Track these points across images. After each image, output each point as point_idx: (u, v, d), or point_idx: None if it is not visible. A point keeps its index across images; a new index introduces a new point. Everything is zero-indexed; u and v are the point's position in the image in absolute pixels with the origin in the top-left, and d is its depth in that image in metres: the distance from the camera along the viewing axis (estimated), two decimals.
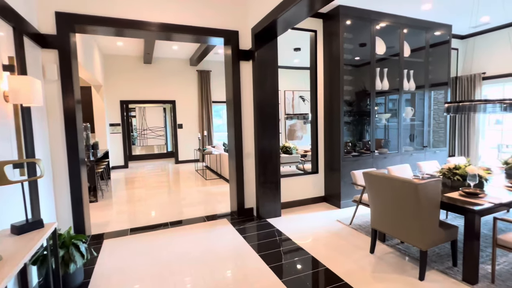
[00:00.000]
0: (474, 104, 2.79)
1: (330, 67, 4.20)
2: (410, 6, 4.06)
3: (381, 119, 4.89)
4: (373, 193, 2.60)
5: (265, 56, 3.61)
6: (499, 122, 5.85)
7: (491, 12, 4.45)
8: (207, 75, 8.91)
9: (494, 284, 2.21)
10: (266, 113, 3.69)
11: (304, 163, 5.55)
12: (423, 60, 4.80)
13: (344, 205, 4.19)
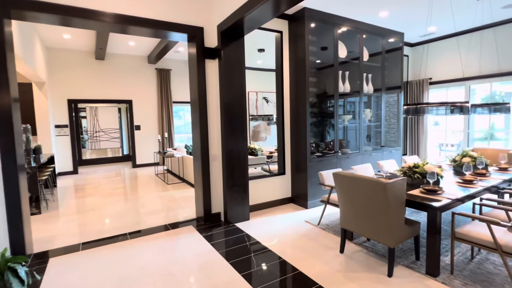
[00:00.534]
0: (430, 106, 2.98)
1: (296, 68, 4.22)
2: (369, 11, 4.25)
3: (343, 121, 5.06)
4: (343, 193, 2.62)
5: (232, 55, 3.49)
6: (437, 123, 6.50)
7: (438, 23, 4.87)
8: (167, 74, 8.49)
9: (453, 274, 2.35)
10: (234, 114, 3.57)
11: (270, 164, 5.52)
12: (379, 64, 5.07)
13: (311, 205, 4.23)
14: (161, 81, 8.39)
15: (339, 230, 3.34)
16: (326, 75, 4.90)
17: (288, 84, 4.38)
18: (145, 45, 7.16)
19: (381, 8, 4.11)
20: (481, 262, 2.54)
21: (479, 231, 2.25)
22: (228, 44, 3.44)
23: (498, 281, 2.25)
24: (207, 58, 3.55)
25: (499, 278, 2.29)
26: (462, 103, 2.91)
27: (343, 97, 5.22)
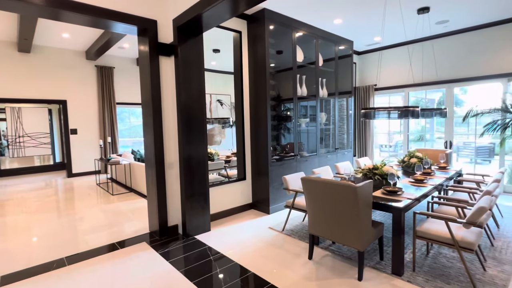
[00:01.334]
0: (388, 110, 3.12)
1: (255, 70, 4.11)
2: (325, 18, 4.37)
3: (300, 124, 5.12)
4: (312, 198, 2.56)
5: (190, 52, 3.21)
6: (374, 127, 7.08)
7: (383, 34, 5.25)
8: (110, 72, 7.67)
9: (415, 272, 2.45)
10: (192, 117, 3.28)
11: (228, 170, 5.31)
12: (333, 70, 5.27)
13: (273, 211, 4.14)
14: (102, 80, 7.54)
15: (304, 235, 3.30)
16: (282, 78, 4.90)
17: (247, 87, 4.25)
18: (83, 38, 6.34)
19: (336, 15, 4.25)
20: (436, 257, 2.71)
21: (438, 228, 2.38)
22: (185, 41, 3.15)
23: (453, 274, 2.41)
24: (161, 55, 3.21)
25: (453, 271, 2.45)
26: (413, 108, 3.11)
27: (301, 100, 5.28)
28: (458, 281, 2.30)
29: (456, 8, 4.10)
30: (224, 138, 9.27)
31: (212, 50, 6.34)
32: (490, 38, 4.78)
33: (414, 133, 13.33)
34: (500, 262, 2.60)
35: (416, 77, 5.69)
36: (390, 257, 2.72)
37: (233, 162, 5.13)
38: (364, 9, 4.05)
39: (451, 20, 4.57)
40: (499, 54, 4.71)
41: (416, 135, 13.47)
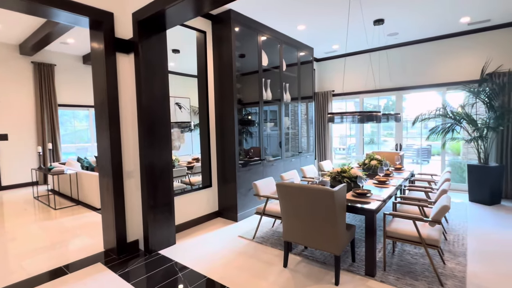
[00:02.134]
0: (354, 115, 3.23)
1: (221, 73, 3.96)
2: (290, 23, 4.42)
3: (266, 128, 5.09)
4: (287, 204, 2.50)
5: (153, 50, 2.94)
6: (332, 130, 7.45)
7: (340, 42, 5.51)
8: (50, 70, 6.79)
9: (385, 271, 2.54)
10: (155, 121, 3.01)
11: (191, 176, 5.03)
12: (295, 75, 5.36)
13: (240, 218, 4.01)
14: (40, 78, 6.64)
15: (275, 242, 3.23)
16: (244, 82, 4.83)
17: (213, 89, 4.08)
18: (18, 30, 5.51)
19: (301, 21, 4.33)
20: (401, 254, 2.85)
21: (406, 227, 2.50)
22: (147, 37, 2.88)
23: (419, 270, 2.54)
24: (119, 52, 2.89)
25: (419, 267, 2.59)
26: (376, 112, 3.27)
27: (266, 104, 5.26)
28: (425, 277, 2.43)
29: (404, 22, 4.47)
30: (184, 142, 8.86)
31: (172, 51, 6.01)
32: (432, 51, 5.33)
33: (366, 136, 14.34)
34: (455, 254, 2.83)
35: (370, 84, 6.08)
36: (361, 258, 2.78)
37: (196, 168, 4.88)
38: (326, 17, 4.19)
39: (400, 32, 4.98)
40: (440, 66, 5.27)
41: (367, 138, 14.49)
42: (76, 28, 5.17)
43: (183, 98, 8.79)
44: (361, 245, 3.07)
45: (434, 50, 5.29)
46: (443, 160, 5.58)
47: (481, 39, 4.84)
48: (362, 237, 3.28)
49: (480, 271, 2.52)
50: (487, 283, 2.33)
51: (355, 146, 11.26)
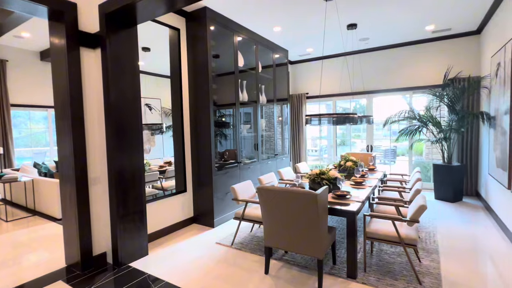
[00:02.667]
0: (332, 116, 3.24)
1: (196, 73, 3.80)
2: (266, 24, 4.37)
3: (242, 130, 4.99)
4: (269, 208, 2.42)
5: (122, 46, 2.72)
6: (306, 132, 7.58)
7: (314, 45, 5.58)
8: (1, 66, 6.12)
9: (366, 272, 2.55)
10: (125, 123, 2.78)
11: (164, 181, 4.78)
12: (271, 77, 5.33)
13: (217, 223, 3.86)
14: None
15: (255, 247, 3.13)
16: (218, 83, 4.71)
17: (187, 90, 3.90)
18: None
19: (277, 22, 4.30)
20: (379, 254, 2.89)
21: (384, 228, 2.53)
22: (116, 31, 2.66)
23: (397, 269, 2.59)
24: (83, 47, 2.63)
25: (397, 266, 2.64)
26: (353, 114, 3.32)
27: (242, 106, 5.17)
28: (403, 276, 2.47)
29: (375, 28, 4.63)
30: (154, 146, 8.48)
31: (141, 48, 5.71)
32: (400, 56, 5.58)
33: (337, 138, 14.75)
34: (428, 252, 2.93)
35: (343, 88, 6.23)
36: (341, 260, 2.77)
37: (168, 173, 4.64)
38: (302, 19, 4.20)
39: (371, 38, 5.16)
40: (407, 71, 5.53)
41: (338, 140, 14.88)
42: (33, 20, 4.70)
43: (153, 99, 8.42)
44: (340, 247, 3.08)
45: (402, 56, 5.55)
46: (410, 160, 5.86)
47: (444, 46, 5.17)
48: (340, 239, 3.29)
49: (453, 267, 2.62)
50: (461, 279, 2.43)
51: (326, 147, 11.54)
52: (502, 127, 3.40)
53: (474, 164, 5.00)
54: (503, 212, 3.43)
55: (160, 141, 6.06)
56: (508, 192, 3.17)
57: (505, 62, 3.27)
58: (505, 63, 3.29)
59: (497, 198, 3.71)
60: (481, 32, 4.80)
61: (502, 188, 3.39)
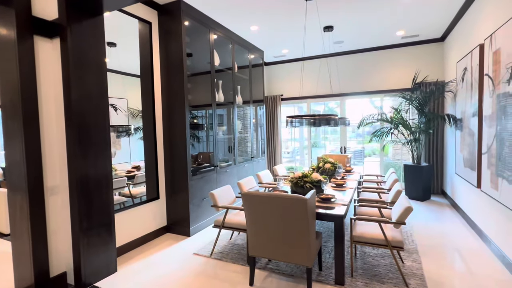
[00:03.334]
0: (314, 118, 3.17)
1: (170, 71, 3.54)
2: (243, 22, 4.22)
3: (218, 132, 4.77)
4: (254, 216, 2.26)
5: (86, 37, 2.41)
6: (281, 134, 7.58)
7: (290, 47, 5.54)
8: None
9: (353, 277, 2.48)
10: (90, 123, 2.46)
11: (132, 187, 4.40)
12: (247, 77, 5.19)
13: (193, 232, 3.61)
14: None
15: (236, 257, 2.94)
16: (193, 83, 4.47)
17: (159, 90, 3.61)
18: None
19: (254, 21, 4.17)
20: (363, 257, 2.85)
21: (370, 231, 2.49)
22: (79, 20, 2.34)
23: (383, 272, 2.56)
24: (39, 35, 2.28)
25: (382, 269, 2.61)
26: (333, 116, 3.28)
27: (219, 107, 4.96)
28: (389, 278, 2.44)
29: (349, 31, 4.70)
30: (120, 149, 7.91)
31: (106, 43, 5.26)
32: (372, 60, 5.74)
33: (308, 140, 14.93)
34: (409, 252, 2.96)
35: (317, 90, 6.27)
36: (327, 266, 2.69)
37: (138, 178, 4.28)
38: (280, 18, 4.12)
39: (345, 41, 5.24)
40: (378, 74, 5.71)
41: (311, 142, 15.06)
42: None
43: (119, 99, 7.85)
44: (324, 251, 3.01)
45: (374, 59, 5.72)
46: (381, 161, 6.05)
47: (412, 51, 5.40)
48: (323, 243, 3.22)
49: (434, 267, 2.66)
50: (444, 278, 2.46)
51: (298, 149, 11.64)
52: (469, 129, 3.58)
53: (440, 164, 5.27)
54: (472, 210, 3.60)
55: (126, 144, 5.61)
56: (478, 191, 3.33)
57: (472, 67, 3.45)
58: (472, 68, 3.46)
59: (465, 196, 3.91)
60: (444, 39, 5.08)
61: (471, 187, 3.57)
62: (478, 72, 3.24)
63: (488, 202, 3.04)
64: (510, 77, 2.44)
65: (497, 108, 2.71)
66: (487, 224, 3.08)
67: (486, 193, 3.00)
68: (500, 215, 2.74)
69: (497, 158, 2.72)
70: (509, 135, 2.45)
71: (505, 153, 2.53)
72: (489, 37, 2.92)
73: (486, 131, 3.01)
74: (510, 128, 2.45)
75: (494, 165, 2.79)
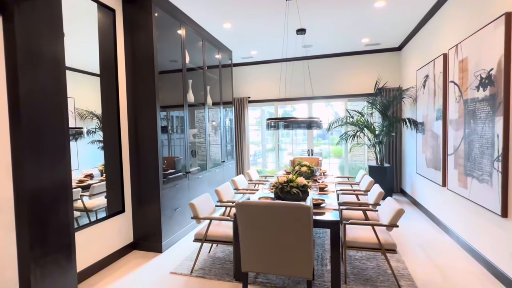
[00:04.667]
0: (297, 121, 3.07)
1: (136, 68, 3.13)
2: (217, 18, 3.98)
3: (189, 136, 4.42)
4: (249, 227, 2.05)
5: (39, 16, 1.95)
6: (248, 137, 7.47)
7: (259, 48, 5.44)
8: None
9: (347, 283, 2.42)
10: (44, 123, 1.99)
11: (87, 199, 3.80)
12: (217, 77, 4.93)
13: (166, 246, 3.23)
14: None
15: (221, 272, 2.68)
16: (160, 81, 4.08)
17: (124, 88, 3.18)
18: None
19: (228, 18, 3.96)
20: (349, 261, 2.83)
21: (363, 235, 2.46)
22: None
23: (373, 275, 2.55)
24: None
25: (372, 272, 2.61)
26: (316, 119, 3.23)
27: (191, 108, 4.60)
28: (381, 282, 2.44)
29: (319, 36, 4.77)
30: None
31: None
32: (339, 65, 5.94)
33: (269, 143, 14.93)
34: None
35: (285, 93, 6.27)
36: (319, 274, 2.59)
37: (95, 189, 3.73)
38: (255, 18, 3.98)
39: (314, 45, 5.32)
40: (344, 79, 5.92)
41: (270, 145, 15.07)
42: None
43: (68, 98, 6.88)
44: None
45: (340, 65, 5.92)
46: (346, 163, 6.28)
47: (374, 59, 5.72)
48: None
49: (417, 265, 2.74)
50: (429, 276, 2.53)
51: (261, 152, 11.60)
52: (432, 131, 3.85)
53: (399, 165, 5.65)
54: (436, 207, 3.87)
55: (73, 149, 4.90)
56: (443, 189, 3.58)
57: (435, 74, 3.72)
58: (435, 76, 3.74)
59: (427, 194, 4.19)
60: (401, 49, 5.48)
61: (435, 185, 3.83)
62: (442, 79, 3.49)
63: (454, 200, 3.27)
64: (479, 83, 2.64)
65: (465, 112, 2.93)
66: (454, 220, 3.32)
67: (454, 192, 3.22)
68: (468, 212, 2.95)
69: (465, 158, 2.93)
70: (479, 137, 2.65)
71: (475, 154, 2.73)
72: (454, 47, 3.16)
73: (452, 133, 3.25)
74: (480, 131, 2.64)
75: (462, 165, 3.01)
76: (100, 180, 3.13)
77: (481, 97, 2.62)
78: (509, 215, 2.30)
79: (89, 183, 3.85)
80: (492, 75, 2.43)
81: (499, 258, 2.44)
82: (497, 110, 2.37)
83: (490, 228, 2.56)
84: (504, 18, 2.26)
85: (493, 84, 2.42)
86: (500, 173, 2.32)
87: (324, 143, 9.90)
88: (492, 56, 2.43)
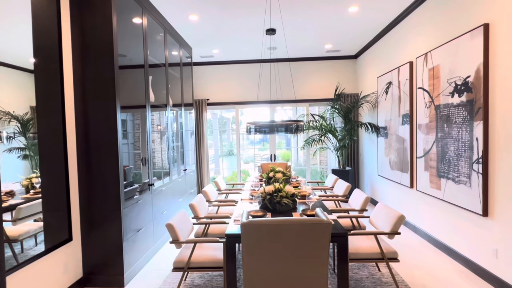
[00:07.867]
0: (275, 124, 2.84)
1: (88, 58, 2.51)
2: (181, 5, 3.52)
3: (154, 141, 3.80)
4: (257, 250, 1.71)
5: None
6: None
7: (222, 46, 5.09)
8: None
9: None
10: None
11: (13, 225, 2.90)
12: (179, 75, 4.42)
13: (129, 277, 2.64)
14: None
15: None
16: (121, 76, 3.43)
17: (71, 84, 2.51)
18: None
19: (196, 9, 3.54)
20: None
21: (364, 245, 2.33)
22: None
23: (370, 285, 2.45)
24: None
25: (367, 282, 2.50)
26: (298, 122, 3.05)
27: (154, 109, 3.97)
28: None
29: (288, 37, 4.67)
30: None
31: None
32: (302, 70, 5.94)
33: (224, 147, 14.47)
34: None
35: (246, 95, 6.02)
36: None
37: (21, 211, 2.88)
38: (227, 11, 3.65)
39: (279, 48, 5.21)
40: (305, 84, 5.95)
41: (225, 150, 14.67)
42: None
43: None
44: None
45: (302, 69, 5.93)
46: (308, 167, 6.32)
47: (334, 65, 5.89)
48: None
49: (406, 269, 2.75)
50: (419, 279, 2.54)
51: (213, 157, 11.13)
52: (398, 135, 4.04)
53: (357, 167, 5.89)
54: (402, 208, 4.05)
55: None
56: (411, 191, 3.76)
57: (400, 81, 3.92)
58: (399, 82, 3.93)
59: (391, 195, 4.39)
60: (357, 57, 5.76)
61: (401, 187, 4.02)
62: (408, 85, 3.68)
63: (423, 201, 3.44)
64: (454, 90, 2.79)
65: (437, 117, 3.09)
66: (423, 220, 3.49)
67: (425, 193, 3.38)
68: (442, 212, 3.10)
69: (438, 161, 3.08)
70: (455, 141, 2.80)
71: (450, 157, 2.88)
72: (423, 55, 3.34)
73: (422, 137, 3.42)
74: (455, 135, 2.79)
75: (434, 167, 3.16)
76: (26, 199, 2.37)
77: (456, 103, 2.77)
78: (489, 214, 2.44)
79: (11, 204, 2.93)
80: (470, 82, 2.57)
81: (480, 255, 2.57)
82: (475, 115, 2.51)
83: (469, 227, 2.70)
84: (482, 28, 2.40)
85: (471, 90, 2.56)
86: (481, 175, 2.45)
87: (307, 147, 9.88)
88: (469, 64, 2.57)
